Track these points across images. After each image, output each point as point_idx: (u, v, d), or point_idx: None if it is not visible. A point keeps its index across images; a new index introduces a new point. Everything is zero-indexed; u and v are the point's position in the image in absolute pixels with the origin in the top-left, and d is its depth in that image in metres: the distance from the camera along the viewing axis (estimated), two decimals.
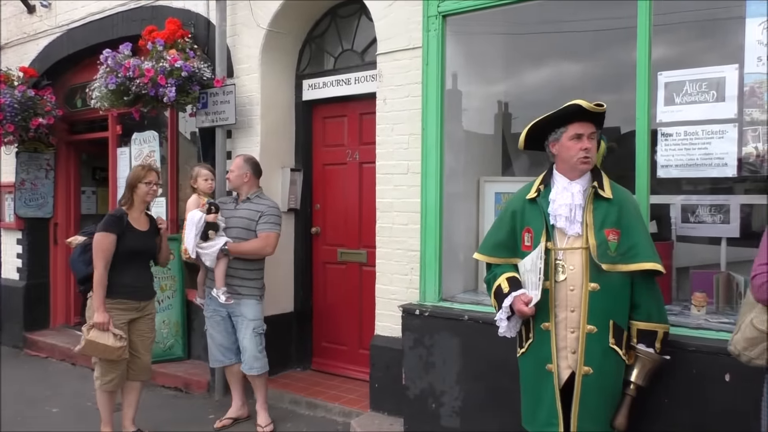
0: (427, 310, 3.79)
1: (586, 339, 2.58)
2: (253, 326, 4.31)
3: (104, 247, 3.81)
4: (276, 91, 5.23)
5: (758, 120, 2.87)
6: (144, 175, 3.99)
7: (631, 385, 2.63)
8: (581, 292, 2.59)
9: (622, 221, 2.59)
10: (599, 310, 2.57)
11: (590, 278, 2.57)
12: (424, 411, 3.77)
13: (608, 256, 2.56)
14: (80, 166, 7.60)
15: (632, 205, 2.68)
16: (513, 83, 4.74)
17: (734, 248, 3.51)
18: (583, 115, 2.62)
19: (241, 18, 5.16)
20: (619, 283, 2.59)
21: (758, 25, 2.85)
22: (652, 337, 2.62)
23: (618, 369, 2.63)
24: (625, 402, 2.63)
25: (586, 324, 2.57)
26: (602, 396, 2.60)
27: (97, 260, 3.80)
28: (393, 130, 4.31)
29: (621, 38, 3.45)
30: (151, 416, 4.67)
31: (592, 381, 2.58)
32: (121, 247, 3.86)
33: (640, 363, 2.63)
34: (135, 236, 3.93)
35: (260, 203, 4.36)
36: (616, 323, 2.59)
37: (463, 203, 4.23)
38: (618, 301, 2.61)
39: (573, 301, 2.61)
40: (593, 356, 2.58)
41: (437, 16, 3.92)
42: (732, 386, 2.74)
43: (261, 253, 4.31)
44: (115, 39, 5.71)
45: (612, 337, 2.58)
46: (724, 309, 3.29)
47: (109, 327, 3.79)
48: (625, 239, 2.57)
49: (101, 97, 5.12)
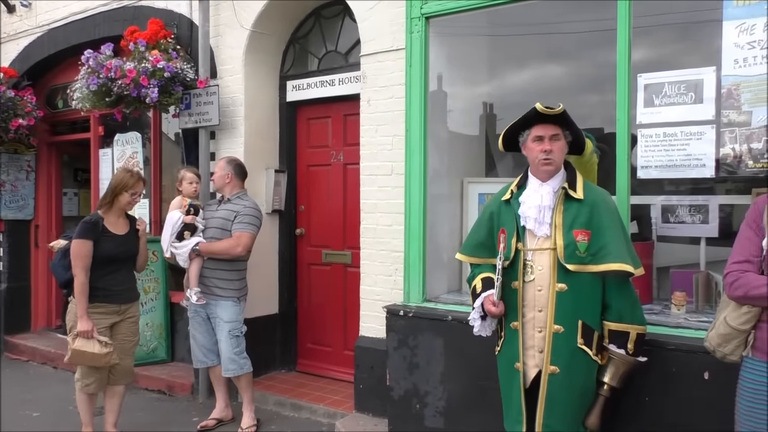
0: (411, 311, 3.80)
1: (553, 338, 2.60)
2: (228, 328, 4.28)
3: (82, 255, 3.75)
4: (260, 92, 5.22)
5: (735, 121, 2.91)
6: (132, 184, 3.89)
7: (605, 385, 2.64)
8: (548, 292, 2.61)
9: (593, 222, 2.59)
10: (567, 310, 2.59)
11: (558, 279, 2.60)
12: (408, 411, 3.78)
13: (577, 256, 2.57)
14: (62, 167, 7.52)
15: (606, 206, 2.66)
16: (497, 84, 4.77)
17: (713, 248, 3.56)
18: (543, 118, 2.64)
19: (225, 19, 5.14)
20: (589, 283, 2.60)
21: (735, 27, 2.89)
22: (624, 338, 2.61)
23: (587, 369, 2.63)
24: (598, 402, 2.65)
25: (553, 324, 2.60)
26: (570, 395, 2.62)
27: (76, 268, 3.75)
28: (377, 132, 4.32)
29: (603, 40, 3.48)
30: (134, 419, 4.64)
31: (559, 380, 2.60)
32: (98, 253, 3.79)
33: (612, 364, 2.63)
34: (112, 241, 3.86)
35: (238, 204, 4.35)
36: (585, 323, 2.60)
37: (447, 204, 4.24)
38: (587, 301, 2.62)
39: (540, 301, 2.64)
40: (560, 356, 2.60)
41: (420, 17, 3.93)
42: (711, 384, 2.78)
43: (231, 253, 4.24)
44: (97, 39, 5.66)
45: (581, 337, 2.59)
46: (703, 308, 3.33)
47: (93, 334, 3.74)
48: (595, 240, 2.57)
49: (83, 98, 5.08)
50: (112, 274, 3.88)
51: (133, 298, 4.07)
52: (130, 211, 4.05)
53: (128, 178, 3.92)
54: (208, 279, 4.28)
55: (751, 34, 2.85)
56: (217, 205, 4.43)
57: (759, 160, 2.87)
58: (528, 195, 2.72)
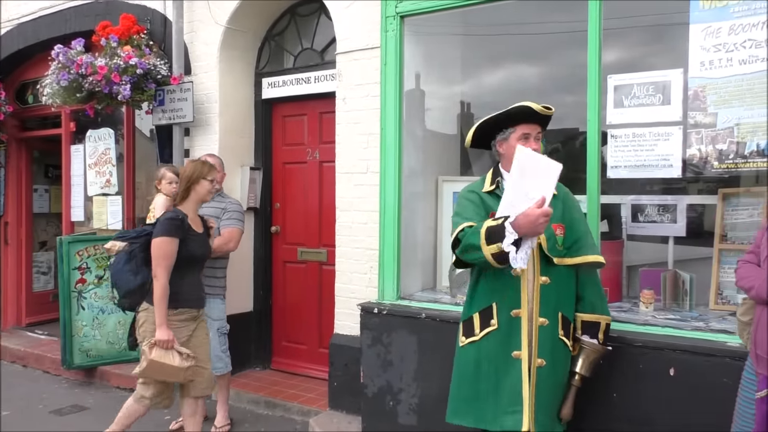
0: (386, 309, 3.81)
1: (539, 331, 2.61)
2: (217, 326, 4.27)
3: (168, 254, 3.34)
4: (235, 89, 5.18)
5: (701, 123, 2.97)
6: (207, 170, 3.53)
7: (576, 375, 2.70)
8: (533, 285, 2.63)
9: (566, 216, 2.66)
10: (550, 302, 2.63)
11: (541, 272, 2.63)
12: (382, 409, 3.79)
13: (557, 249, 2.63)
14: (32, 163, 7.38)
15: (573, 200, 2.78)
16: (472, 84, 4.80)
17: (681, 247, 3.63)
18: (532, 117, 2.67)
19: (199, 15, 5.10)
20: (565, 276, 2.67)
21: (701, 30, 2.95)
22: (595, 328, 2.71)
23: (566, 360, 2.70)
24: (571, 393, 2.70)
25: (539, 317, 2.61)
26: (553, 387, 2.65)
27: (160, 269, 3.33)
28: (353, 130, 4.32)
29: (575, 41, 3.53)
30: (105, 418, 4.57)
31: (546, 373, 2.61)
32: (183, 253, 3.40)
33: (584, 354, 2.70)
34: (195, 240, 3.49)
35: (223, 200, 4.34)
36: (564, 315, 2.66)
37: (422, 202, 4.26)
38: (565, 293, 2.69)
39: (526, 293, 2.62)
40: (545, 348, 2.62)
41: (395, 16, 3.94)
42: (676, 380, 2.84)
43: (224, 249, 4.23)
44: (68, 34, 5.59)
45: (561, 328, 2.65)
46: (670, 306, 3.40)
47: (173, 345, 3.35)
48: (569, 233, 2.65)
49: (53, 93, 5.00)
50: (193, 275, 3.55)
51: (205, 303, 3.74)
52: (208, 201, 3.68)
53: (201, 166, 3.57)
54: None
55: (716, 37, 2.92)
56: None
57: (724, 161, 2.93)
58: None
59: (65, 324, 5.30)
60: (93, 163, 6.19)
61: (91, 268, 5.42)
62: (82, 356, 5.37)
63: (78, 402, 5.02)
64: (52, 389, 5.41)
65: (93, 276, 5.43)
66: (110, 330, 5.47)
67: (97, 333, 5.42)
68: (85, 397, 5.14)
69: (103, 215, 6.09)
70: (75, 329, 5.34)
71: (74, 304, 5.35)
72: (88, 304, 5.39)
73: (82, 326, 5.36)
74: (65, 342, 5.31)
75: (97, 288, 5.44)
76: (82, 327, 5.36)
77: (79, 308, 5.37)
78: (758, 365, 2.13)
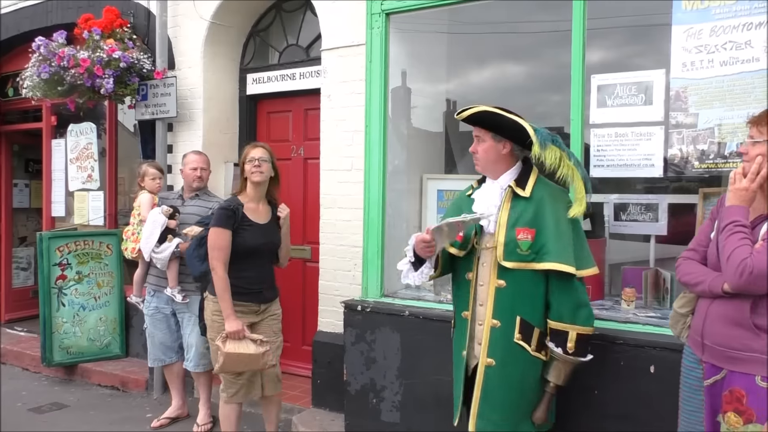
0: (369, 306, 3.81)
1: (491, 332, 2.66)
2: None
3: (219, 246, 3.30)
4: (219, 84, 5.15)
5: (682, 123, 3.00)
6: (247, 151, 3.44)
7: (550, 383, 2.68)
8: (488, 288, 2.67)
9: (537, 220, 2.60)
10: (505, 305, 2.63)
11: (497, 275, 2.64)
12: (365, 406, 3.79)
13: (517, 254, 2.59)
14: (12, 157, 7.28)
15: (552, 204, 2.63)
16: (458, 82, 4.81)
17: (663, 245, 3.67)
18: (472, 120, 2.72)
19: (183, 9, 5.05)
20: (530, 280, 2.62)
21: (683, 31, 2.98)
22: (562, 336, 2.61)
23: (525, 363, 2.65)
24: (544, 399, 2.69)
25: (491, 318, 2.65)
26: (505, 388, 2.66)
27: (214, 260, 3.31)
28: (337, 126, 4.31)
29: (560, 40, 3.55)
30: (86, 417, 4.54)
31: (494, 372, 2.65)
32: (236, 245, 3.34)
33: (553, 362, 2.66)
34: (252, 231, 3.40)
35: (210, 200, 4.30)
36: (524, 320, 2.63)
37: (407, 200, 4.26)
38: (528, 298, 2.64)
39: (482, 295, 2.70)
40: (496, 349, 2.65)
41: (381, 13, 3.93)
42: (656, 377, 2.87)
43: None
44: (50, 26, 5.51)
45: (518, 332, 2.63)
46: (651, 304, 3.43)
47: (244, 334, 3.32)
48: (538, 238, 2.59)
49: (33, 86, 4.94)
50: (252, 269, 3.44)
51: (272, 297, 3.62)
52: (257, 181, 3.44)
53: (245, 148, 3.54)
54: (180, 275, 4.21)
55: (698, 38, 2.94)
56: (181, 200, 4.34)
57: (704, 161, 2.97)
58: (481, 193, 2.77)
59: (45, 320, 5.23)
60: (74, 158, 6.11)
61: (72, 264, 5.36)
62: (63, 353, 5.31)
63: (58, 400, 4.96)
64: (31, 387, 5.34)
65: (74, 272, 5.36)
66: (91, 327, 5.41)
67: (78, 330, 5.36)
68: (65, 395, 5.08)
69: (85, 211, 6.03)
70: (55, 326, 5.27)
71: (54, 300, 5.29)
72: (69, 300, 5.33)
73: (62, 323, 5.30)
74: (45, 339, 5.25)
75: (78, 284, 5.38)
76: (62, 324, 5.30)
77: (60, 305, 5.30)
78: (704, 354, 2.25)
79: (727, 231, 2.10)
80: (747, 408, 2.06)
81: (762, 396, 2.05)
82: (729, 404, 2.12)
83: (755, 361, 2.06)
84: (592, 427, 3.04)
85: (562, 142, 2.65)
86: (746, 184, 2.10)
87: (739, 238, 2.06)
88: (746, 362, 2.08)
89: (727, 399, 2.12)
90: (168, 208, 4.16)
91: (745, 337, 2.09)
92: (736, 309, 2.12)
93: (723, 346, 2.16)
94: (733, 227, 2.09)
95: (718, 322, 2.17)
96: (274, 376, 3.62)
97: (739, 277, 2.01)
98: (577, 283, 2.62)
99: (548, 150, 2.57)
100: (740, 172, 2.13)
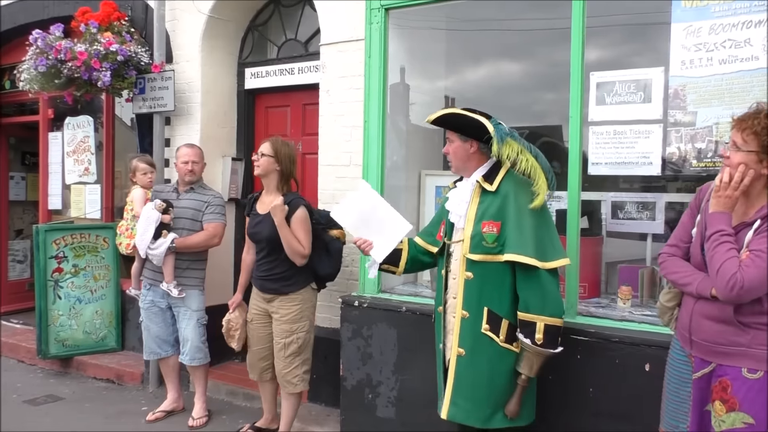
0: (366, 302, 3.81)
1: (461, 323, 2.75)
2: (197, 317, 4.27)
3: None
4: (217, 78, 5.13)
5: (681, 121, 3.00)
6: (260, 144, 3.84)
7: (521, 375, 2.68)
8: (459, 280, 2.78)
9: (502, 213, 2.68)
10: (472, 297, 2.72)
11: (466, 268, 2.74)
12: (361, 401, 3.79)
13: (483, 247, 2.68)
14: (8, 150, 7.26)
15: (516, 197, 2.68)
16: (456, 79, 4.80)
17: (660, 244, 3.67)
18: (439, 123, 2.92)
19: (181, 2, 5.03)
20: (497, 272, 2.69)
21: (682, 29, 2.98)
22: (530, 327, 2.62)
23: (493, 354, 2.70)
24: (516, 391, 2.70)
25: (461, 309, 2.75)
26: (475, 376, 2.73)
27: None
28: (336, 122, 4.30)
29: (558, 38, 3.54)
30: (81, 409, 4.54)
31: (465, 361, 2.75)
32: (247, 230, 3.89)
33: (524, 353, 2.67)
34: (251, 220, 3.83)
35: (205, 194, 4.29)
36: (491, 310, 2.70)
37: (405, 196, 4.26)
38: (495, 289, 2.70)
39: (454, 288, 2.82)
40: (466, 339, 2.74)
41: (380, 8, 3.92)
42: (651, 375, 2.87)
43: (209, 245, 4.26)
44: (46, 19, 5.48)
45: (486, 323, 2.70)
46: (647, 302, 3.44)
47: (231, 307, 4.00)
48: (503, 231, 2.67)
49: (30, 79, 4.91)
50: (261, 257, 3.82)
51: (273, 290, 3.77)
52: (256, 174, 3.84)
53: None
54: (176, 270, 4.21)
55: (697, 36, 2.94)
56: (176, 194, 4.33)
57: (702, 159, 2.97)
58: (456, 191, 2.91)
59: (41, 313, 5.22)
60: (71, 151, 6.10)
61: (68, 257, 5.35)
62: (58, 346, 5.30)
63: (53, 392, 4.96)
64: (26, 379, 5.34)
65: (70, 265, 5.35)
66: (87, 320, 5.40)
67: (74, 323, 5.35)
68: (61, 387, 5.08)
69: (81, 204, 6.01)
70: (51, 318, 5.27)
71: (50, 293, 5.28)
72: (65, 293, 5.32)
73: (58, 315, 5.29)
74: (41, 331, 5.24)
75: (74, 277, 5.37)
76: (58, 316, 5.29)
77: (56, 297, 5.29)
78: (692, 349, 2.30)
79: (714, 241, 2.14)
80: (730, 397, 2.14)
81: (746, 386, 2.11)
82: (717, 393, 2.19)
83: (742, 354, 2.14)
84: (586, 426, 3.05)
85: (520, 137, 2.74)
86: (729, 192, 2.14)
87: (726, 249, 2.10)
88: (733, 356, 2.15)
89: (716, 389, 2.19)
90: (161, 202, 4.14)
91: (731, 333, 2.15)
92: (721, 309, 2.17)
93: (710, 342, 2.21)
94: (719, 237, 2.13)
95: (705, 320, 2.23)
96: (280, 375, 3.82)
97: (730, 291, 2.05)
98: (544, 273, 2.62)
99: (506, 145, 2.65)
100: (726, 180, 2.14)
